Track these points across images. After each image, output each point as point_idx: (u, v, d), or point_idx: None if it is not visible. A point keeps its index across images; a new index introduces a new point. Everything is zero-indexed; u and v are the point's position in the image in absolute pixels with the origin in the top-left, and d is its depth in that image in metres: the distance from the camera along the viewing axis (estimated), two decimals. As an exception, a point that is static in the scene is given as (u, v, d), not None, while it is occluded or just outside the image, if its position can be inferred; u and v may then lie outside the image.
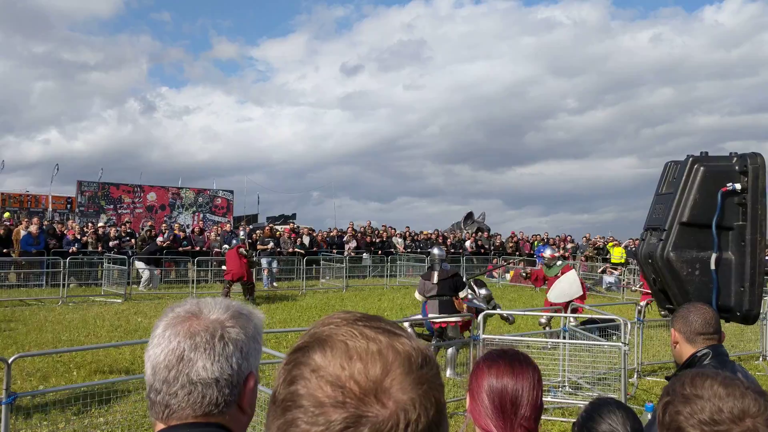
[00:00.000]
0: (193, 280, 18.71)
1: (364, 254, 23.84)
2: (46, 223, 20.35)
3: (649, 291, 12.02)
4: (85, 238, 19.22)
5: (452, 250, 26.07)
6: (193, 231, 22.77)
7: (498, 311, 10.13)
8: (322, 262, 21.57)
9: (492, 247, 27.34)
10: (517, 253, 26.68)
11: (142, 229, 21.58)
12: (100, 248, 19.03)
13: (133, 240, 20.53)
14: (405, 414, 0.65)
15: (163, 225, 24.90)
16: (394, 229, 27.06)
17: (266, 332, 9.78)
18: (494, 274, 24.09)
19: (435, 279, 9.17)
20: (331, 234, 24.85)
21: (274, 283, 19.55)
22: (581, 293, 11.05)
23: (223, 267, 16.50)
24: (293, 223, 28.42)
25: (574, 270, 12.31)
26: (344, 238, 24.17)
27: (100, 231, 20.08)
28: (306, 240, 22.80)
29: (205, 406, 1.20)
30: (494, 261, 25.44)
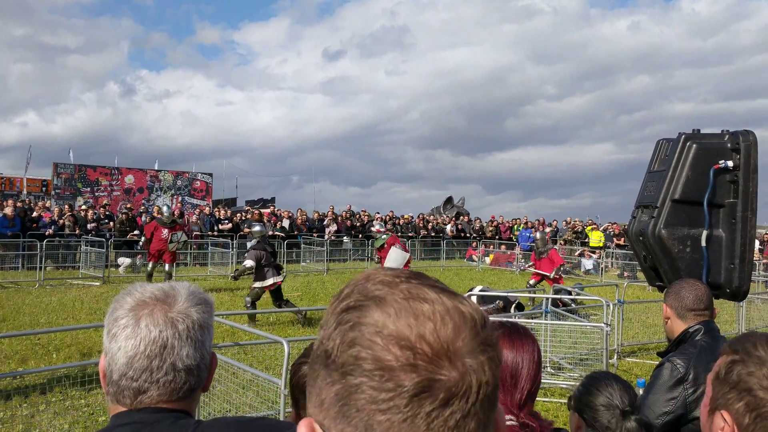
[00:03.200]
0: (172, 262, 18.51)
1: (345, 238, 23.80)
2: (19, 204, 19.98)
3: (541, 272, 13.02)
4: (61, 221, 18.94)
5: (432, 235, 26.13)
6: (172, 213, 22.52)
7: None
8: (302, 245, 21.50)
9: (472, 232, 27.44)
10: (497, 237, 26.80)
11: (120, 211, 21.29)
12: (77, 231, 18.77)
13: (111, 223, 20.28)
14: (477, 377, 0.62)
15: (141, 207, 24.64)
16: (378, 213, 27.05)
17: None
18: (474, 258, 24.22)
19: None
20: (312, 218, 24.77)
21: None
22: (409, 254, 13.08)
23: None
24: (273, 206, 28.27)
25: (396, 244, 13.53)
26: (325, 222, 24.09)
27: (81, 214, 19.79)
28: (286, 223, 22.70)
29: (183, 392, 1.23)
30: (474, 245, 25.55)
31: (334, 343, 0.64)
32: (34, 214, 19.36)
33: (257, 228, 11.58)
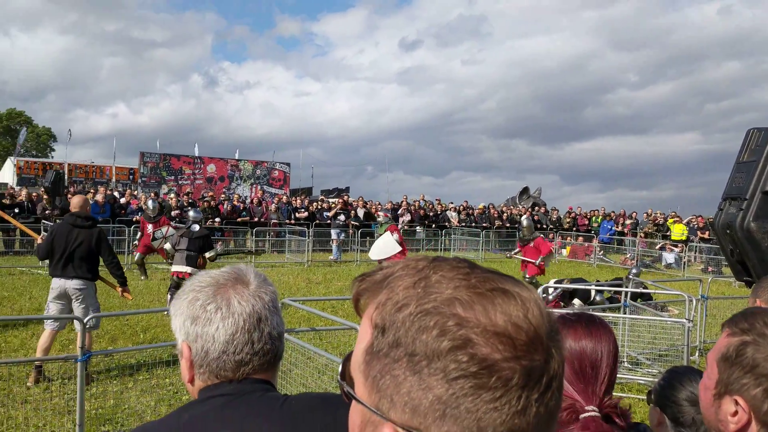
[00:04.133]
0: (251, 250, 19.07)
1: (418, 227, 23.83)
2: (109, 192, 20.99)
3: (530, 260, 12.47)
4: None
5: (507, 226, 25.81)
6: (251, 202, 23.16)
7: None
8: (375, 234, 21.63)
9: (548, 223, 26.94)
10: (574, 228, 26.21)
11: (202, 199, 22.06)
12: (162, 217, 19.60)
13: (193, 210, 21.03)
14: (559, 356, 0.64)
15: (222, 195, 25.42)
16: (453, 203, 26.98)
17: (330, 299, 9.96)
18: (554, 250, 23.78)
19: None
20: (386, 207, 24.91)
21: (338, 256, 19.78)
22: (400, 249, 11.72)
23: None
24: (347, 195, 28.58)
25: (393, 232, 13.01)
26: (398, 212, 24.20)
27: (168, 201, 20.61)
28: (360, 213, 22.93)
29: (275, 359, 1.34)
30: (550, 236, 25.09)
31: (424, 348, 0.62)
32: (123, 200, 20.30)
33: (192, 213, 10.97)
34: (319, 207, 23.79)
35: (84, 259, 6.61)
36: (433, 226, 24.03)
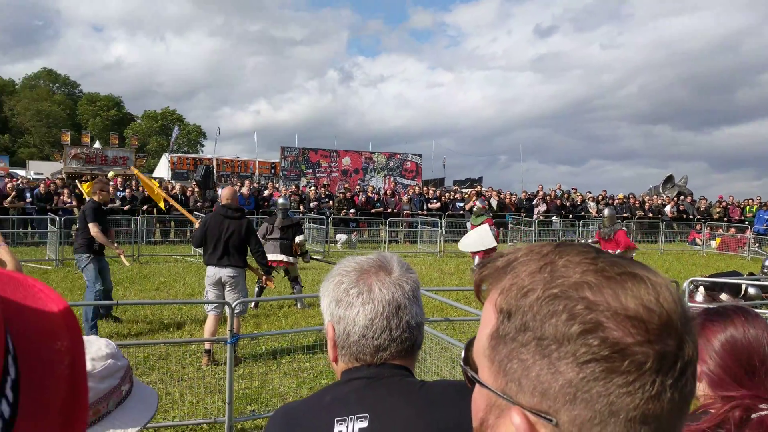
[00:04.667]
0: (384, 240, 19.46)
1: (554, 217, 23.22)
2: (255, 185, 22.20)
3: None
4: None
5: (650, 216, 24.52)
6: (385, 193, 23.59)
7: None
8: (509, 225, 21.35)
9: (695, 213, 25.29)
10: (725, 219, 24.41)
11: (339, 191, 22.81)
12: (301, 209, 20.47)
13: (330, 202, 21.79)
14: (692, 341, 0.62)
15: (357, 187, 26.09)
16: (590, 192, 26.05)
17: (464, 290, 9.96)
18: (697, 241, 22.30)
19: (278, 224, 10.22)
20: (520, 197, 24.48)
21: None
22: (495, 245, 11.62)
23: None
24: (480, 186, 28.36)
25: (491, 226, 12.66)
26: (534, 201, 23.69)
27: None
28: (494, 203, 22.69)
29: (413, 348, 1.37)
30: (697, 227, 23.54)
31: (553, 332, 0.61)
32: (266, 193, 21.41)
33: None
34: (452, 197, 23.79)
35: (236, 249, 7.01)
36: (570, 216, 23.31)
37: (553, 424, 0.62)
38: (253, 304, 9.51)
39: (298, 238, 10.32)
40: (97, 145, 31.09)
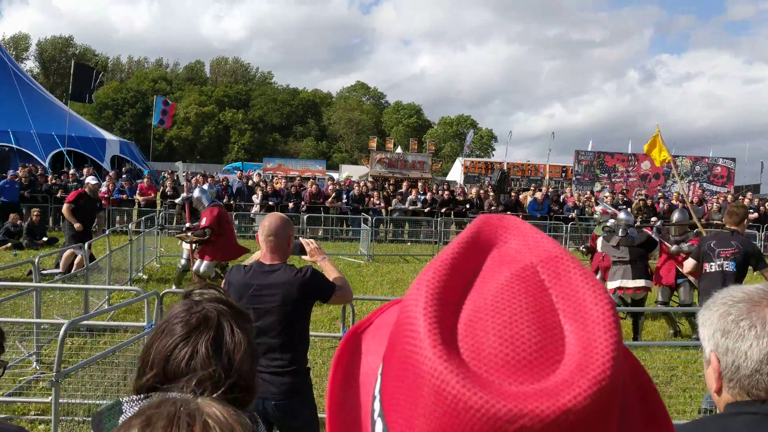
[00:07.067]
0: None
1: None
2: (550, 190, 22.06)
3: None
4: (579, 205, 20.24)
5: None
6: (691, 201, 21.69)
7: None
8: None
9: None
10: None
11: (637, 198, 21.57)
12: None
13: (629, 208, 20.71)
14: None
15: (658, 194, 24.44)
16: None
17: None
18: None
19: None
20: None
21: None
22: None
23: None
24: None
25: None
26: None
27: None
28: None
29: None
30: None
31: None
32: (561, 198, 21.12)
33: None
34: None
35: None
36: None
37: None
38: None
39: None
40: (398, 150, 33.52)
